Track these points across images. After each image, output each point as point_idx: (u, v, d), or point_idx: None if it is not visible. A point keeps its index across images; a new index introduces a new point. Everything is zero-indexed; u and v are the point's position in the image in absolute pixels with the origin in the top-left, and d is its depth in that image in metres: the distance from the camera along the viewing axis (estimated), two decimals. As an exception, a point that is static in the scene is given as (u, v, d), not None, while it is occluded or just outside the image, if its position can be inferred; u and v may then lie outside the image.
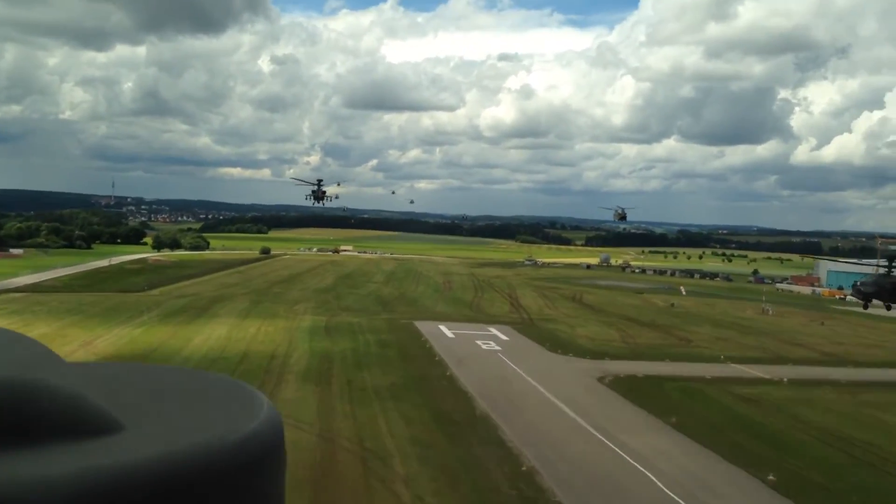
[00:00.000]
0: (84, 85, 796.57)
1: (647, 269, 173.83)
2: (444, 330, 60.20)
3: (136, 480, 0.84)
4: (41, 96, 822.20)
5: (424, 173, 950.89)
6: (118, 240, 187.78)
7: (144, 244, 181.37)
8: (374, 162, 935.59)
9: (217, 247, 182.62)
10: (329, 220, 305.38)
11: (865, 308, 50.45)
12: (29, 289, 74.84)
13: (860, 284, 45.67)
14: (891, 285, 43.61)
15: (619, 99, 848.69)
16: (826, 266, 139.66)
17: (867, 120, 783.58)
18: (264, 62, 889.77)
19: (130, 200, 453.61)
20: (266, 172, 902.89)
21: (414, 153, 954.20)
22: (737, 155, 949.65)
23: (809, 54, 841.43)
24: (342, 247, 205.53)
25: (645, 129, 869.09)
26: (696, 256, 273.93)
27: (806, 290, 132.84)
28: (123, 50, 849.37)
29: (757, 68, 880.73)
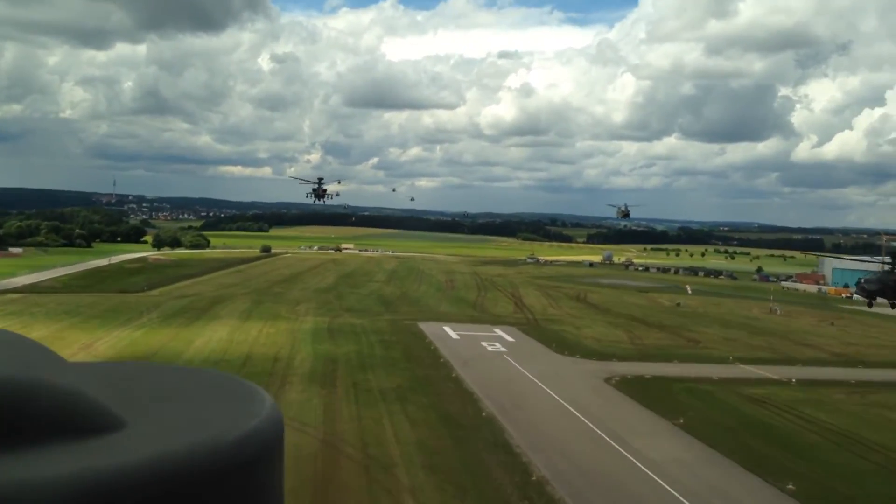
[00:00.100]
0: (84, 84, 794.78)
1: (651, 267, 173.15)
2: (449, 331, 59.52)
3: (136, 478, 0.84)
4: (41, 95, 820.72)
5: (425, 171, 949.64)
6: (118, 238, 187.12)
7: (145, 243, 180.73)
8: (375, 160, 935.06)
9: (217, 245, 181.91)
10: (330, 218, 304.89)
11: (870, 306, 49.93)
12: (27, 289, 74.07)
13: (864, 282, 45.23)
14: (895, 283, 42.97)
15: (620, 96, 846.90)
16: (831, 264, 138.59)
17: (868, 117, 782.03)
18: (264, 61, 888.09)
19: (132, 198, 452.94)
20: (267, 171, 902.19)
21: (414, 151, 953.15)
22: (738, 152, 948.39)
23: (810, 51, 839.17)
24: (343, 245, 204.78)
25: (645, 127, 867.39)
26: (699, 254, 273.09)
27: (812, 289, 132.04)
28: (123, 48, 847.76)
29: (757, 65, 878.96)
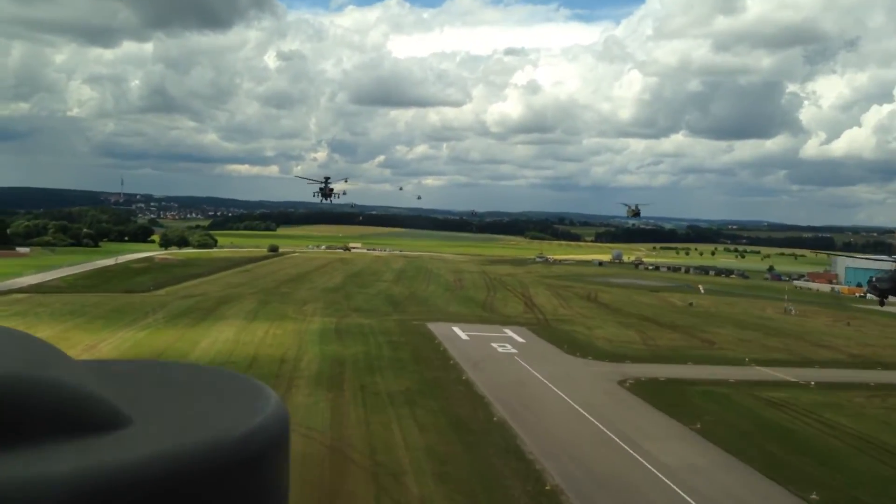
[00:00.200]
0: (91, 82, 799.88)
1: (661, 266, 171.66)
2: (458, 332, 58.66)
3: (143, 475, 0.85)
4: (49, 94, 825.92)
5: (431, 169, 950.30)
6: (126, 238, 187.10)
7: (152, 242, 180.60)
8: (381, 158, 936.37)
9: (225, 245, 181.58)
10: (337, 217, 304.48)
11: (881, 304, 49.15)
12: (32, 289, 73.55)
13: (876, 280, 44.64)
14: None
15: (627, 93, 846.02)
16: (844, 262, 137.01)
17: (877, 113, 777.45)
18: (271, 58, 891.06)
19: (140, 198, 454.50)
20: (274, 169, 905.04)
21: (421, 149, 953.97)
22: (745, 149, 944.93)
23: (818, 47, 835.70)
24: (351, 244, 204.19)
25: (652, 124, 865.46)
26: (709, 252, 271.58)
27: (825, 288, 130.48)
28: (130, 47, 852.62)
29: (765, 61, 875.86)
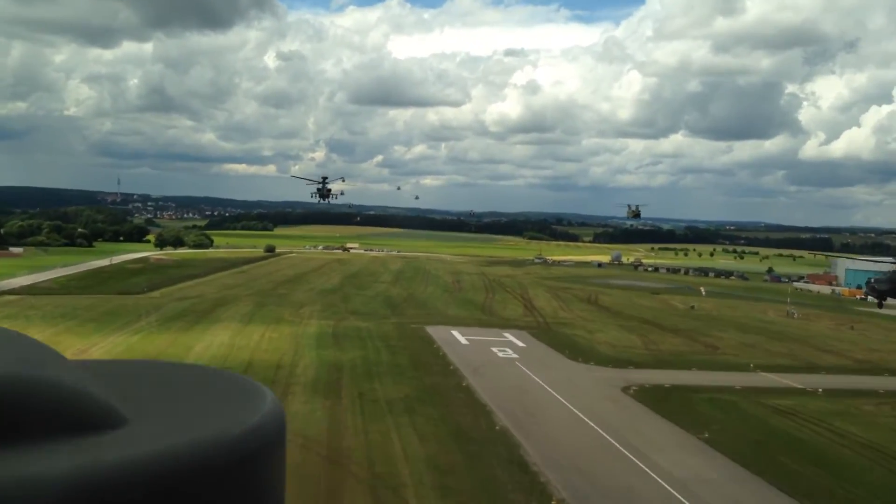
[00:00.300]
0: (90, 81, 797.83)
1: (660, 268, 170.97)
2: (458, 335, 57.66)
3: (139, 474, 0.85)
4: (47, 93, 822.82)
5: (430, 169, 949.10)
6: (121, 238, 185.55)
7: (148, 242, 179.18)
8: (380, 158, 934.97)
9: (221, 245, 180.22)
10: (335, 217, 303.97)
11: (880, 307, 48.59)
12: (24, 291, 72.24)
13: (874, 282, 44.16)
14: None
15: (626, 94, 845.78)
16: (844, 264, 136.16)
17: (876, 114, 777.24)
18: (270, 58, 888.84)
19: (136, 197, 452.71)
20: (271, 168, 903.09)
21: (419, 149, 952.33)
22: (744, 150, 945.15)
23: (817, 48, 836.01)
24: (348, 244, 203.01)
25: (652, 125, 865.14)
26: (707, 254, 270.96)
27: (825, 290, 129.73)
28: (130, 47, 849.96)
29: (765, 62, 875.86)
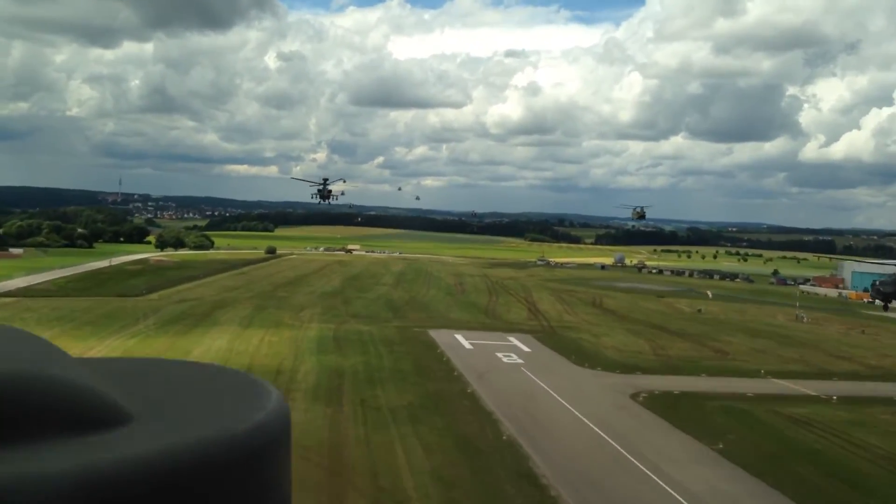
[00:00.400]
0: (91, 82, 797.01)
1: (664, 270, 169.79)
2: (461, 340, 56.50)
3: (144, 471, 0.85)
4: (48, 93, 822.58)
5: (431, 170, 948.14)
6: (121, 238, 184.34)
7: (148, 243, 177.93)
8: (381, 159, 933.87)
9: (222, 246, 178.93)
10: (336, 218, 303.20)
11: (885, 309, 47.73)
12: (20, 293, 70.92)
13: (879, 284, 43.34)
14: None
15: (627, 95, 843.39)
16: (850, 267, 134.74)
17: (876, 116, 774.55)
18: (271, 59, 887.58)
19: (137, 197, 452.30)
20: (273, 169, 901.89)
21: (420, 150, 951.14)
22: (745, 152, 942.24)
23: (818, 50, 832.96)
24: (350, 245, 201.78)
25: (652, 126, 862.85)
26: (711, 256, 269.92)
27: (832, 293, 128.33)
28: (131, 47, 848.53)
29: (765, 64, 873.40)
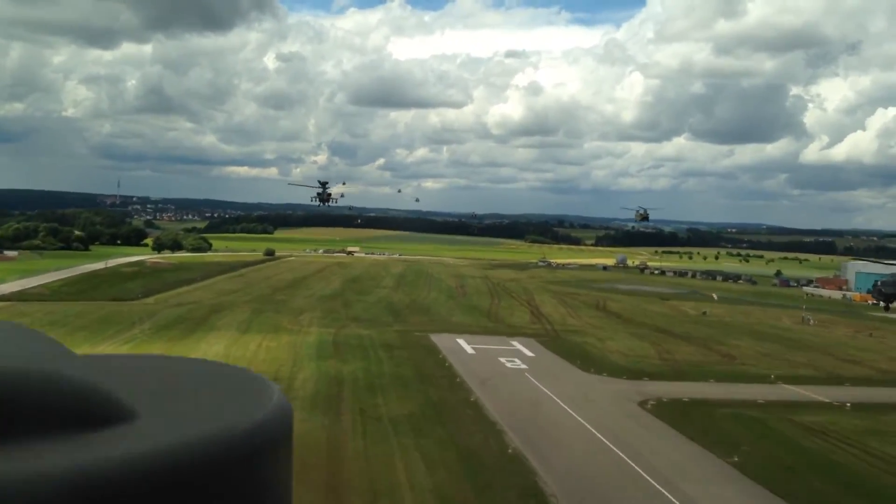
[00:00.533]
0: (88, 82, 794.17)
1: (666, 271, 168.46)
2: (463, 344, 55.20)
3: (148, 468, 0.85)
4: (45, 94, 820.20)
5: (431, 172, 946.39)
6: (118, 241, 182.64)
7: (145, 245, 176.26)
8: (381, 161, 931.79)
9: (220, 248, 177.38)
10: (336, 220, 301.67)
11: (886, 310, 46.80)
12: (14, 297, 69.55)
13: (881, 284, 42.45)
14: None
15: (628, 95, 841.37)
16: (854, 267, 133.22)
17: (882, 117, 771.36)
18: (270, 60, 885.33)
19: (136, 199, 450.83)
20: (273, 171, 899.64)
21: (421, 152, 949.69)
22: (746, 153, 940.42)
23: (819, 51, 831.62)
24: (350, 248, 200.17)
25: (654, 127, 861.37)
26: (712, 257, 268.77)
27: (836, 294, 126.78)
28: (130, 48, 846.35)
29: (767, 65, 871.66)
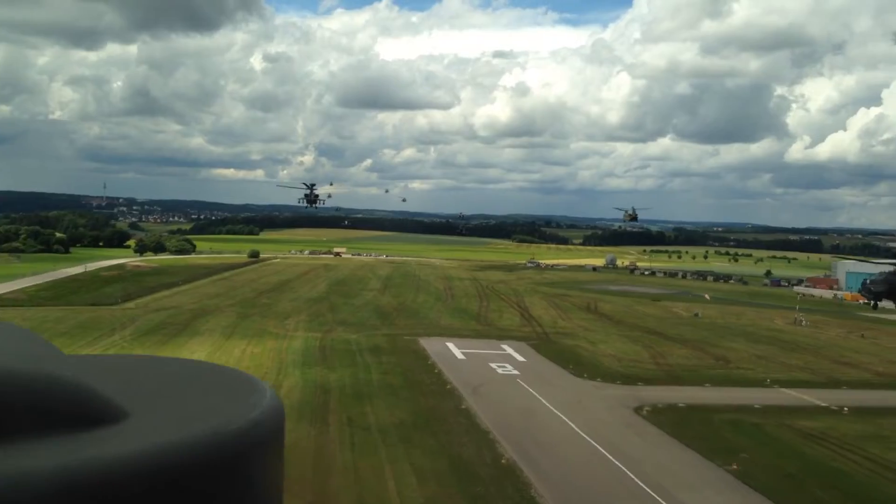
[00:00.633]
0: (74, 84, 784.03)
1: (657, 271, 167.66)
2: (453, 349, 54.03)
3: (139, 468, 0.85)
4: (30, 96, 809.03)
5: (418, 173, 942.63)
6: (100, 243, 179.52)
7: (128, 248, 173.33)
8: (369, 162, 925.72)
9: (204, 250, 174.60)
10: (323, 221, 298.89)
11: (875, 308, 46.39)
12: (-11, 303, 67.78)
13: (870, 283, 41.95)
14: None
15: (615, 96, 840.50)
16: (844, 267, 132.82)
17: (864, 116, 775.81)
18: (257, 61, 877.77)
19: (122, 201, 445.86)
20: (259, 173, 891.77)
21: (408, 153, 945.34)
22: (731, 153, 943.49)
23: (805, 51, 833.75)
24: (337, 248, 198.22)
25: (640, 128, 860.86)
26: (700, 256, 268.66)
27: (827, 294, 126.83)
28: (115, 49, 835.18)
29: (753, 65, 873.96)
